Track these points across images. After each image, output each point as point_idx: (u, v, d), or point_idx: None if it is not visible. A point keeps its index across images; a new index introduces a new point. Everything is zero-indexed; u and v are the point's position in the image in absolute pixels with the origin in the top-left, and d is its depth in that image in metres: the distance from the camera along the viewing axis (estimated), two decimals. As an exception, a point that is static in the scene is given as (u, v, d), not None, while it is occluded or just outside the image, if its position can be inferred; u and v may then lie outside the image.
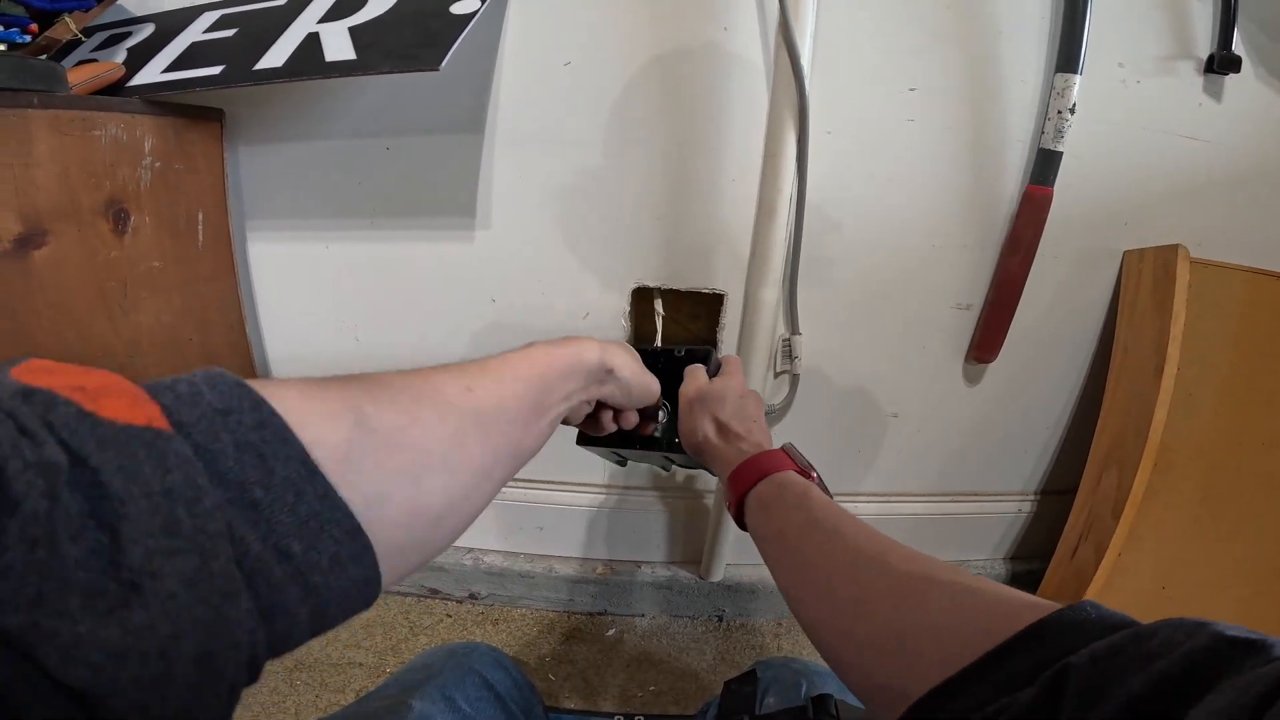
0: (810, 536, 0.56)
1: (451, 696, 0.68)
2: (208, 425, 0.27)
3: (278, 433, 0.29)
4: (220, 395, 0.28)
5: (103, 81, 0.91)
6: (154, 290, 0.98)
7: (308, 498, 0.29)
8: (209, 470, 0.26)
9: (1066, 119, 1.07)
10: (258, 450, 0.28)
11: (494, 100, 1.06)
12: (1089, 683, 0.28)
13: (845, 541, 0.52)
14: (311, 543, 0.29)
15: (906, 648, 0.41)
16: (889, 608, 0.44)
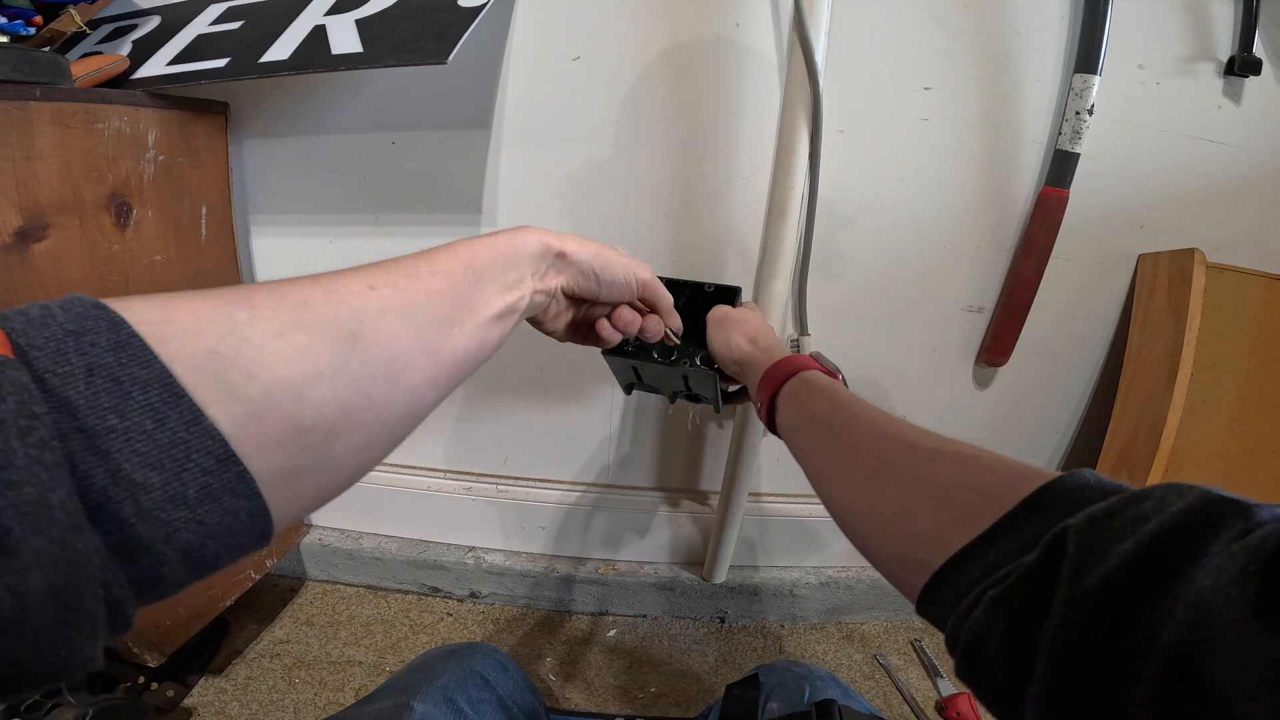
0: (833, 419, 0.59)
1: (453, 698, 0.69)
2: (56, 348, 0.26)
3: (136, 354, 0.27)
4: (74, 317, 0.27)
5: (107, 74, 0.91)
6: (157, 285, 0.98)
7: (170, 424, 0.27)
8: (54, 397, 0.25)
9: (1085, 120, 1.06)
10: (112, 374, 0.26)
11: (501, 95, 1.06)
12: (1086, 544, 0.30)
13: (865, 421, 0.55)
14: (174, 472, 0.27)
15: (918, 514, 0.44)
16: (902, 478, 0.47)
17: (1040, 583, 0.31)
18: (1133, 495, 0.32)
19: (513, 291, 0.53)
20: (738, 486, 1.26)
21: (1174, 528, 0.28)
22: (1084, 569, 0.29)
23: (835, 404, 0.61)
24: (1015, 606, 0.32)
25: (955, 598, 0.37)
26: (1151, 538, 0.28)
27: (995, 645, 0.33)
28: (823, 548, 1.48)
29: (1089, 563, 0.29)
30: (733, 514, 1.30)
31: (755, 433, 1.20)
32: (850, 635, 1.49)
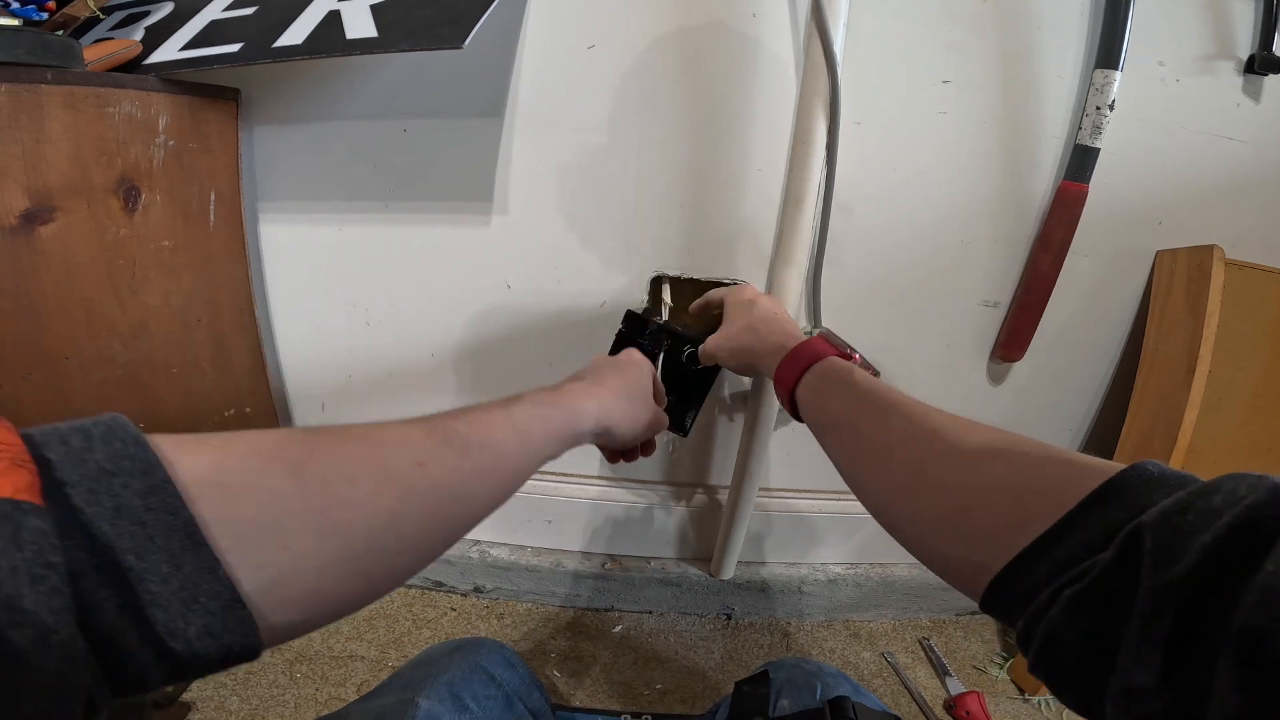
0: (860, 419, 0.59)
1: (459, 694, 0.69)
2: (89, 486, 0.28)
3: (165, 501, 0.30)
4: (111, 454, 0.29)
5: (119, 59, 0.90)
6: (163, 270, 0.98)
7: (185, 569, 0.30)
8: (78, 536, 0.27)
9: (1105, 115, 1.06)
10: (138, 517, 0.29)
11: (515, 83, 1.06)
12: (1162, 539, 0.31)
13: (896, 418, 0.55)
14: (179, 613, 0.30)
15: (970, 519, 0.43)
16: (946, 484, 0.46)
17: (1119, 579, 0.32)
18: (1201, 489, 0.32)
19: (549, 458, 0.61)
20: (748, 481, 1.26)
21: (1247, 521, 0.28)
22: (1163, 564, 0.30)
23: (859, 400, 0.61)
24: (1096, 603, 0.33)
25: (1025, 596, 0.38)
26: (1228, 530, 0.29)
27: (1075, 641, 0.34)
28: (831, 544, 1.48)
29: (1167, 558, 0.30)
30: (742, 509, 1.30)
31: (766, 427, 1.19)
32: (858, 633, 1.50)
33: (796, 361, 0.71)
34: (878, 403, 0.59)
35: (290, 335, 1.27)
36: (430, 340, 1.26)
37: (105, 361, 0.93)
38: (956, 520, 0.44)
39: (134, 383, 0.98)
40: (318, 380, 1.32)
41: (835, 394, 0.65)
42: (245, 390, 1.19)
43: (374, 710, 0.64)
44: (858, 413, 0.60)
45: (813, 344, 0.73)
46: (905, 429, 0.53)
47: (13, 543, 0.25)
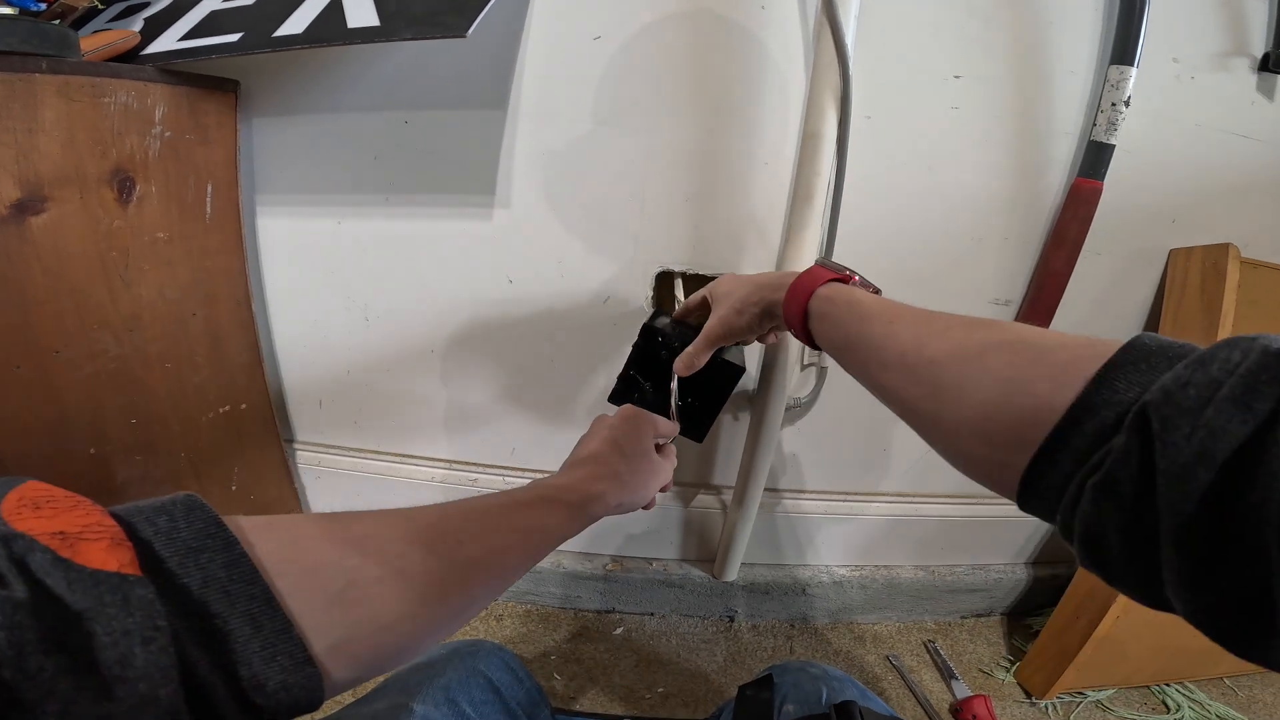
0: (870, 334, 0.60)
1: (455, 699, 0.68)
2: (180, 561, 0.33)
3: (244, 573, 0.35)
4: (195, 534, 0.34)
5: (116, 49, 0.90)
6: (158, 262, 0.97)
7: (264, 631, 0.34)
8: (174, 602, 0.31)
9: (1121, 111, 1.06)
10: (224, 588, 0.33)
11: (518, 75, 1.05)
12: (1168, 418, 0.31)
13: (904, 329, 0.56)
14: (261, 669, 0.34)
15: (988, 418, 0.44)
16: (959, 383, 0.47)
17: (1136, 463, 0.33)
18: (1198, 359, 0.33)
19: (571, 531, 0.64)
20: (752, 482, 1.26)
21: (1245, 389, 0.29)
22: (1174, 444, 0.30)
23: (864, 316, 0.62)
24: (1120, 490, 0.34)
25: (1056, 490, 0.39)
26: (1230, 401, 0.29)
27: (1115, 537, 0.35)
28: (836, 546, 1.48)
29: (1177, 437, 0.30)
30: (746, 510, 1.29)
31: (772, 427, 1.19)
32: (862, 636, 1.49)
33: (798, 294, 0.73)
34: (883, 315, 0.60)
35: (288, 330, 1.26)
36: (430, 336, 1.25)
37: (97, 355, 0.92)
38: (976, 421, 0.45)
39: (126, 377, 0.96)
40: (316, 376, 1.31)
41: (842, 316, 0.66)
42: (241, 386, 1.18)
43: (368, 714, 0.64)
44: (866, 329, 0.61)
45: (810, 273, 0.74)
46: (913, 336, 0.55)
47: (124, 609, 0.29)
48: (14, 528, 0.29)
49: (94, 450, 0.94)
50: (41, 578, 0.27)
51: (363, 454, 1.40)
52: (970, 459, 0.47)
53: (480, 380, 1.29)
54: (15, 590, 0.26)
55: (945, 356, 0.50)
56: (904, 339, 0.55)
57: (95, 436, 0.95)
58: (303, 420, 1.38)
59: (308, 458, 1.40)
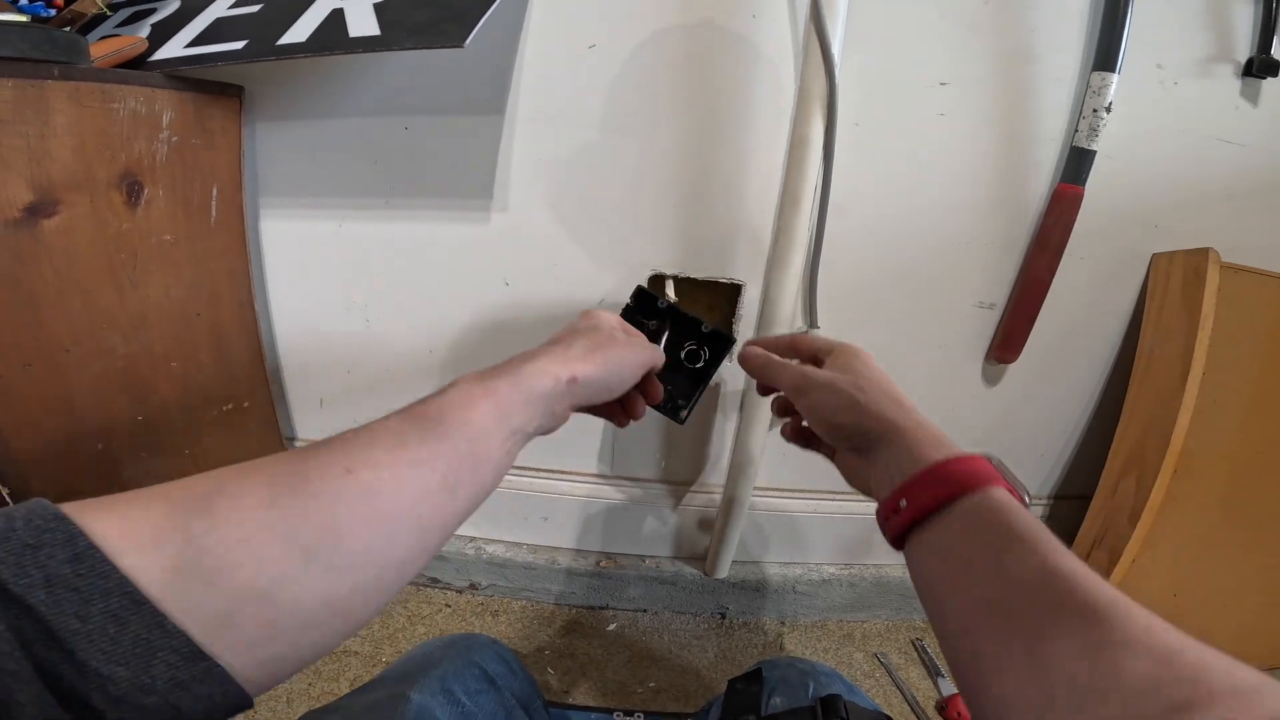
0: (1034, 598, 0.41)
1: (450, 689, 0.69)
2: (16, 560, 0.29)
3: (95, 565, 0.31)
4: (32, 530, 0.31)
5: (125, 55, 0.92)
6: (164, 264, 1.00)
7: (131, 627, 0.31)
8: (18, 604, 0.29)
9: (1102, 117, 1.08)
10: (70, 584, 0.30)
11: (515, 82, 1.08)
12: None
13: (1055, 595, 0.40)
14: (142, 668, 0.31)
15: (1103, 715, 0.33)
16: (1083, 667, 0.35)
17: None
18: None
19: (516, 435, 0.53)
20: (742, 480, 1.28)
21: None
22: None
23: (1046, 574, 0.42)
24: None
25: None
26: None
27: None
28: (825, 545, 1.51)
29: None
30: (736, 508, 1.32)
31: (761, 426, 1.22)
32: (851, 634, 1.52)
33: (963, 470, 0.49)
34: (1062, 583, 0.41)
35: (289, 330, 1.29)
36: (429, 336, 1.28)
37: (105, 354, 0.95)
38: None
39: (133, 375, 0.99)
40: (316, 375, 1.34)
41: (1009, 553, 0.44)
42: (243, 385, 1.21)
43: (366, 704, 0.65)
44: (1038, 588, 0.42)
45: (983, 462, 0.51)
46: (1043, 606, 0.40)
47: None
48: None
49: (101, 446, 0.97)
50: None
51: (363, 452, 1.41)
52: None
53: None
54: None
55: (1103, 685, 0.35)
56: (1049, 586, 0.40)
57: (103, 433, 0.97)
58: (304, 419, 1.40)
59: (308, 456, 1.41)
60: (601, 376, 0.60)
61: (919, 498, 0.50)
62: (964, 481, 0.48)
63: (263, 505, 0.37)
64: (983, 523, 0.46)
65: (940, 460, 0.51)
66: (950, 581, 0.47)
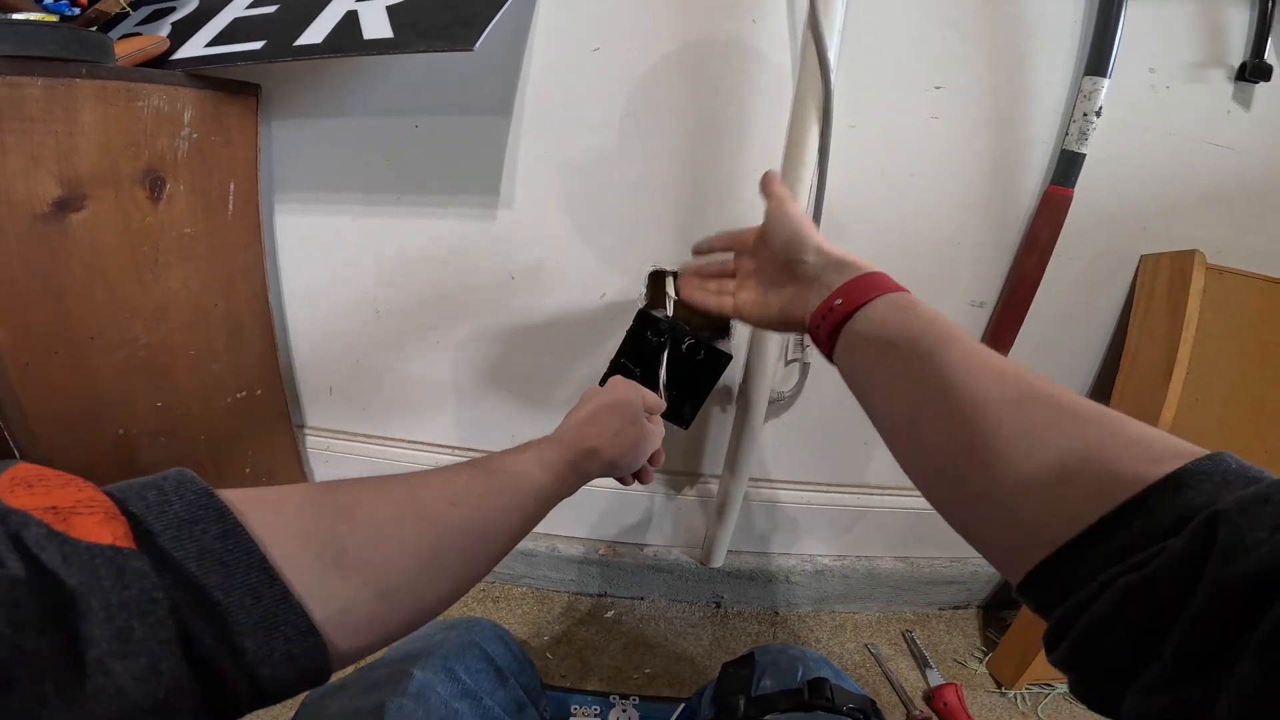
0: (951, 352, 0.50)
1: (452, 667, 0.72)
2: (174, 534, 0.33)
3: (240, 543, 0.35)
4: (187, 506, 0.35)
5: (148, 54, 0.96)
6: (184, 257, 1.04)
7: (265, 601, 0.35)
8: (173, 572, 0.32)
9: (1092, 121, 1.11)
10: (220, 558, 0.34)
11: (522, 83, 1.11)
12: (1238, 531, 0.29)
13: (989, 361, 0.49)
14: (264, 640, 0.35)
15: (1059, 482, 0.39)
16: (1045, 438, 0.41)
17: (1186, 568, 0.30)
18: (1278, 480, 0.31)
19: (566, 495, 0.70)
20: (738, 471, 1.32)
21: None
22: (1232, 557, 0.28)
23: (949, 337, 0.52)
24: (1153, 592, 0.32)
25: (1072, 582, 0.36)
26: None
27: (1123, 633, 0.33)
28: (820, 536, 1.53)
29: (1236, 550, 0.28)
30: (732, 499, 1.36)
31: (758, 418, 1.25)
32: (843, 624, 1.56)
33: (882, 279, 0.64)
34: (952, 335, 0.52)
35: (301, 321, 1.33)
36: (436, 329, 1.32)
37: (127, 343, 0.98)
38: (1054, 482, 0.39)
39: (153, 364, 1.03)
40: (326, 365, 1.38)
41: (910, 320, 0.56)
42: (256, 373, 1.25)
43: (370, 679, 0.67)
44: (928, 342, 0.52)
45: (884, 277, 0.65)
46: (982, 372, 0.47)
47: (119, 581, 0.29)
48: (8, 504, 0.29)
49: (122, 432, 1.00)
50: (37, 553, 0.28)
51: (370, 439, 1.46)
52: (990, 531, 0.44)
53: (483, 371, 1.36)
54: (11, 567, 0.26)
55: (1047, 410, 0.43)
56: (1004, 377, 0.47)
57: (124, 419, 1.01)
58: (313, 407, 1.44)
59: (317, 443, 1.46)
60: (630, 462, 0.79)
61: (852, 294, 0.63)
62: (883, 286, 0.62)
63: (391, 520, 0.46)
64: (899, 304, 0.60)
65: (868, 272, 0.65)
66: (877, 354, 0.58)
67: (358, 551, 0.42)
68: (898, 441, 0.56)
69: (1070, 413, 0.42)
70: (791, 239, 0.75)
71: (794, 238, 0.75)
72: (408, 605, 0.45)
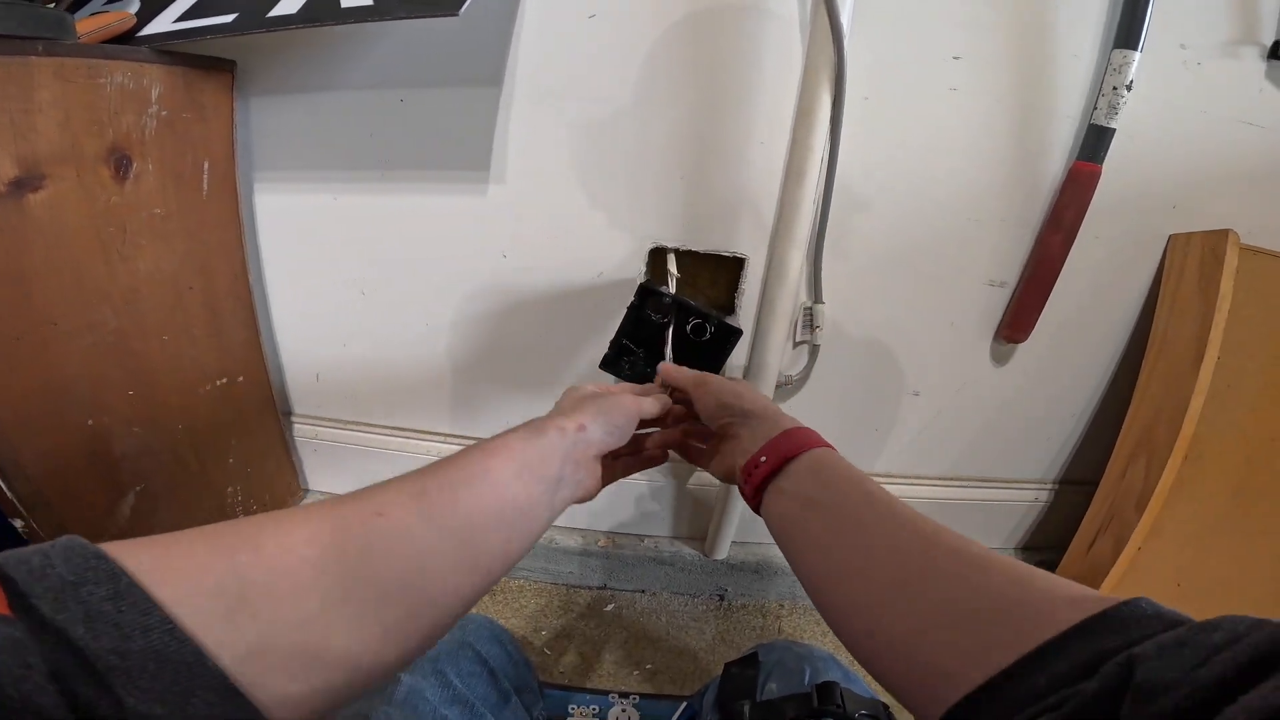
0: (868, 509, 0.55)
1: (443, 670, 0.70)
2: (54, 597, 0.30)
3: (136, 603, 0.31)
4: (72, 567, 0.31)
5: (112, 31, 0.93)
6: (155, 237, 1.01)
7: (171, 664, 0.31)
8: (58, 638, 0.29)
9: (1122, 95, 1.07)
10: (112, 620, 0.30)
11: (514, 52, 1.07)
12: (1154, 675, 0.29)
13: (903, 518, 0.52)
14: (179, 705, 0.31)
15: (964, 625, 0.41)
16: (950, 585, 0.44)
17: (1101, 712, 0.30)
18: (1200, 625, 0.32)
19: (544, 482, 0.57)
20: (744, 461, 1.28)
21: (1249, 661, 0.28)
22: (1151, 698, 0.28)
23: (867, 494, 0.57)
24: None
25: None
26: (1225, 669, 0.28)
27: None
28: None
29: (1156, 692, 0.28)
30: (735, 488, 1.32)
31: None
32: (852, 616, 1.52)
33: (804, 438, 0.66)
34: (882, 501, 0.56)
35: (285, 304, 1.30)
36: (425, 309, 1.29)
37: (95, 327, 0.96)
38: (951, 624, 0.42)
39: (124, 349, 1.01)
40: (312, 349, 1.36)
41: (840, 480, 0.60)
42: (239, 358, 1.22)
43: None
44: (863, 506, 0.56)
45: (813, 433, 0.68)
46: (911, 532, 0.50)
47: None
48: None
49: (92, 421, 0.98)
50: None
51: (360, 427, 1.44)
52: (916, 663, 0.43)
53: (475, 353, 1.33)
54: None
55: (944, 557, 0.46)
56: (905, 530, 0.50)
57: (94, 408, 0.98)
58: (300, 393, 1.42)
59: (305, 431, 1.44)
60: (603, 420, 0.67)
61: (776, 452, 0.65)
62: (806, 442, 0.65)
63: (304, 542, 0.40)
64: (820, 465, 0.62)
65: (790, 428, 0.68)
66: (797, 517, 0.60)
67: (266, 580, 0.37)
68: (822, 595, 0.55)
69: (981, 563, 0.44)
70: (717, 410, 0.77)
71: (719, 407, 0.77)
72: (342, 643, 0.39)
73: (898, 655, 0.45)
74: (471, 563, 0.48)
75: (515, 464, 0.55)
